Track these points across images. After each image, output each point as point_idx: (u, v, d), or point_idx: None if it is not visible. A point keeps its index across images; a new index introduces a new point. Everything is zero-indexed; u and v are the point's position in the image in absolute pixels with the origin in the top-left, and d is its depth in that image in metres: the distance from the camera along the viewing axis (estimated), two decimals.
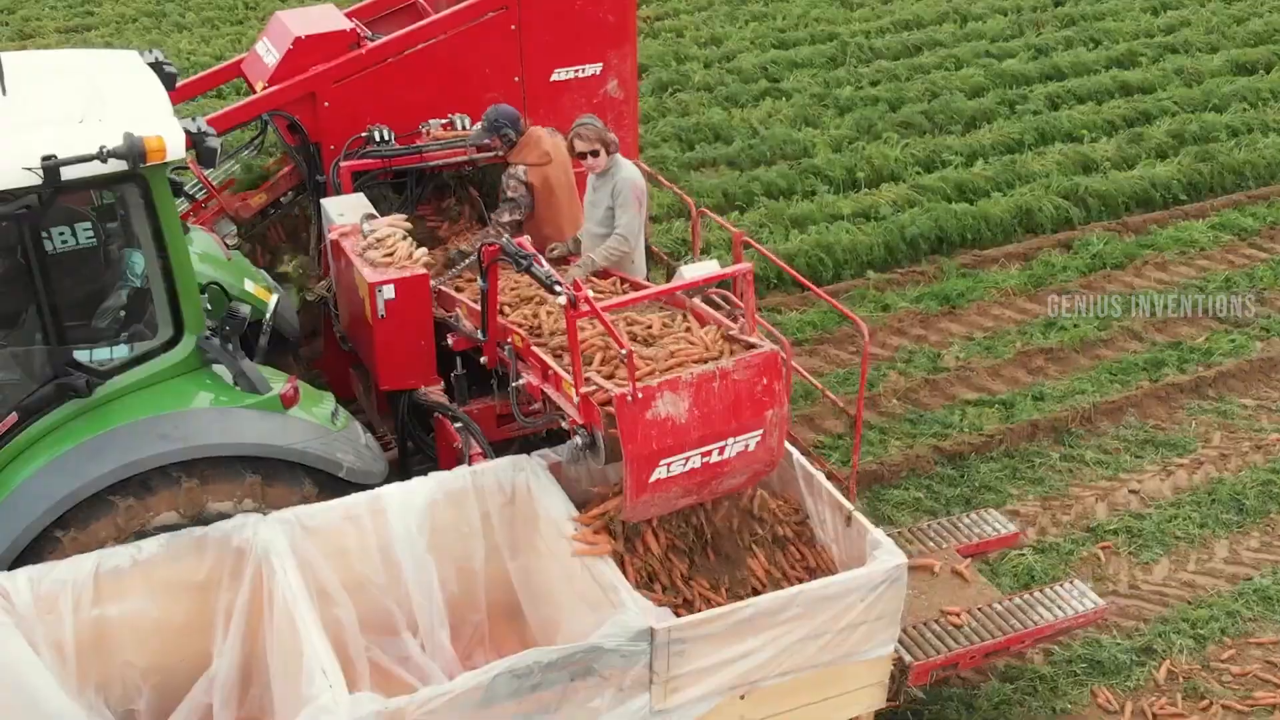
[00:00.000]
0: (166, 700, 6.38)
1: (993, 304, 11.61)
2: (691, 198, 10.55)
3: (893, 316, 11.34)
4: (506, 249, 6.76)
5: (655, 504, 6.30)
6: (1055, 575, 8.39)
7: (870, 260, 12.07)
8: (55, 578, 6.05)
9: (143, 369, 6.62)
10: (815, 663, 6.32)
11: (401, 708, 5.42)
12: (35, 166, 5.91)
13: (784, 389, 6.41)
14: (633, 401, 6.00)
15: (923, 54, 17.21)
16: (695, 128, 14.73)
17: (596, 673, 5.77)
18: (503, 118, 8.39)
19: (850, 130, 14.59)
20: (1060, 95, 15.60)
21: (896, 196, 13.00)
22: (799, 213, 12.70)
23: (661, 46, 17.41)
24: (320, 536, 6.40)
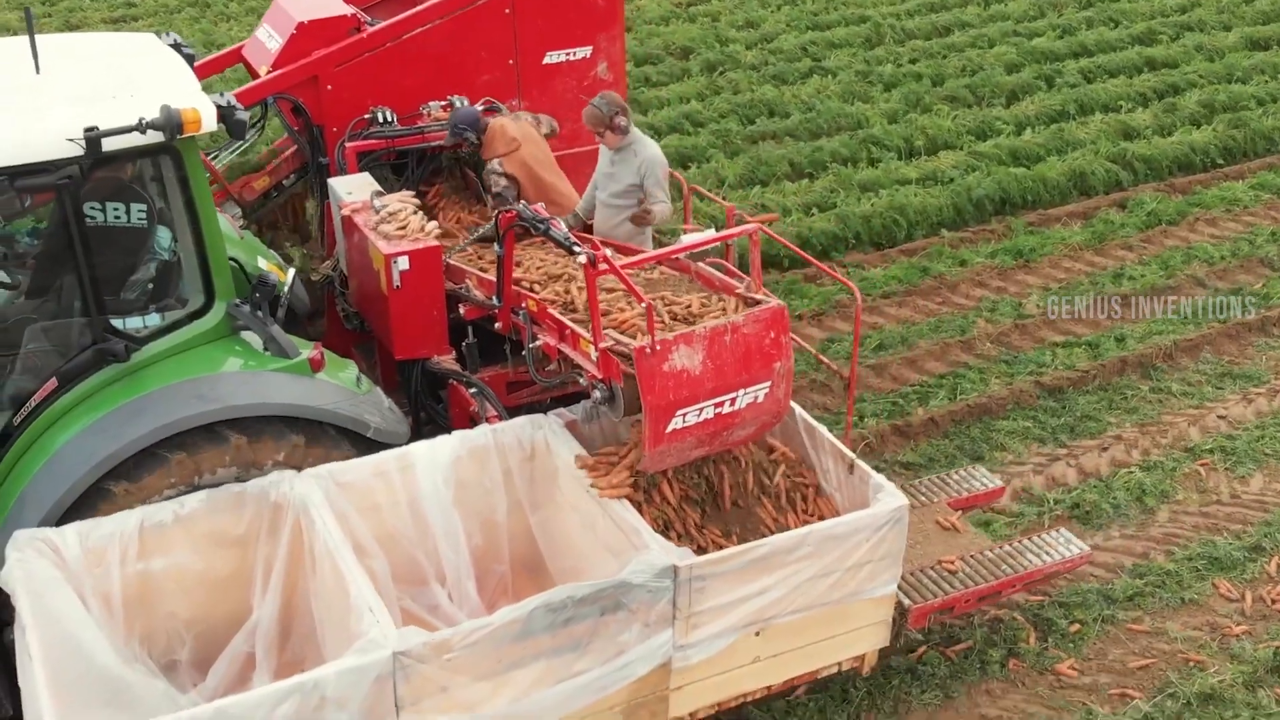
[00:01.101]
0: (207, 650, 6.66)
1: (1062, 258, 12.41)
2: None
3: (970, 270, 12.12)
4: (523, 214, 7.09)
5: (671, 454, 6.65)
6: (1163, 489, 9.35)
7: (940, 220, 12.85)
8: (102, 532, 6.33)
9: (175, 336, 6.90)
10: (824, 600, 6.69)
11: (447, 639, 5.75)
12: (78, 138, 6.18)
13: (790, 343, 6.77)
14: (651, 354, 6.34)
15: (953, 34, 18.08)
16: (750, 104, 15.40)
17: (625, 607, 6.12)
18: (461, 121, 8.65)
19: (899, 104, 15.40)
20: (1091, 70, 16.47)
21: (956, 162, 13.80)
22: (866, 178, 13.49)
23: (701, 30, 18.09)
24: (352, 491, 6.71)
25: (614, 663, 6.21)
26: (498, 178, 8.46)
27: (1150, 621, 8.18)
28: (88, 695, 5.72)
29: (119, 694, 5.87)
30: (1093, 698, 7.61)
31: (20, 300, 7.42)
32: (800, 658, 6.84)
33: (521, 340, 7.55)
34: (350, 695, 5.57)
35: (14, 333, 7.16)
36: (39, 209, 7.99)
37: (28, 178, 6.27)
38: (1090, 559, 8.12)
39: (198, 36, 17.38)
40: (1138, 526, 9.02)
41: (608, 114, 8.28)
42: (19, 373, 6.95)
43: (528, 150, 8.55)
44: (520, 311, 7.45)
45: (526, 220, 7.08)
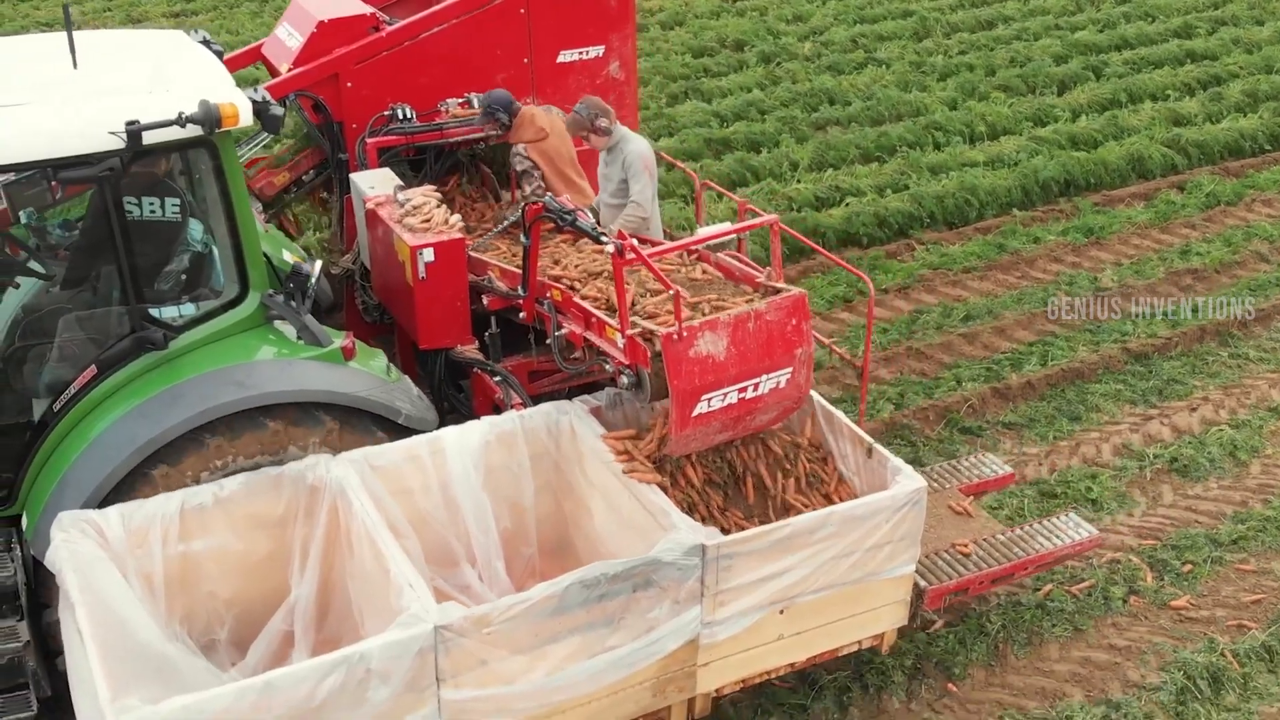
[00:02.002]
0: (244, 630, 6.83)
1: (1130, 235, 13.07)
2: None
3: (1044, 247, 12.77)
4: (549, 206, 7.28)
5: (696, 438, 6.84)
6: (1254, 445, 9.93)
7: (1009, 201, 13.48)
8: (144, 514, 6.49)
9: (210, 325, 7.07)
10: (846, 580, 6.88)
11: (487, 613, 5.92)
12: (119, 130, 6.34)
13: (810, 330, 6.97)
14: (678, 340, 6.53)
15: (997, 28, 18.84)
16: (810, 93, 16.10)
17: (656, 584, 6.30)
18: (495, 103, 8.86)
19: (954, 93, 16.13)
20: (1134, 62, 17.21)
21: (1018, 147, 14.42)
22: (933, 162, 14.17)
23: (751, 24, 18.82)
24: (386, 475, 6.88)
25: (645, 638, 6.38)
26: (520, 160, 8.65)
27: (1256, 562, 8.71)
28: (136, 671, 5.86)
29: (165, 670, 6.03)
30: (1211, 629, 8.14)
31: (54, 290, 7.58)
32: (822, 635, 7.03)
33: (545, 329, 7.73)
34: (394, 668, 5.73)
35: (48, 322, 7.33)
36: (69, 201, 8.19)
37: (69, 170, 6.43)
38: (1100, 543, 8.32)
39: (261, 31, 17.62)
40: (1234, 478, 9.57)
41: (587, 118, 8.51)
42: (56, 361, 7.12)
43: (553, 144, 8.74)
44: (545, 301, 7.62)
45: (553, 212, 7.27)
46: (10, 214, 7.84)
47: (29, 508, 6.88)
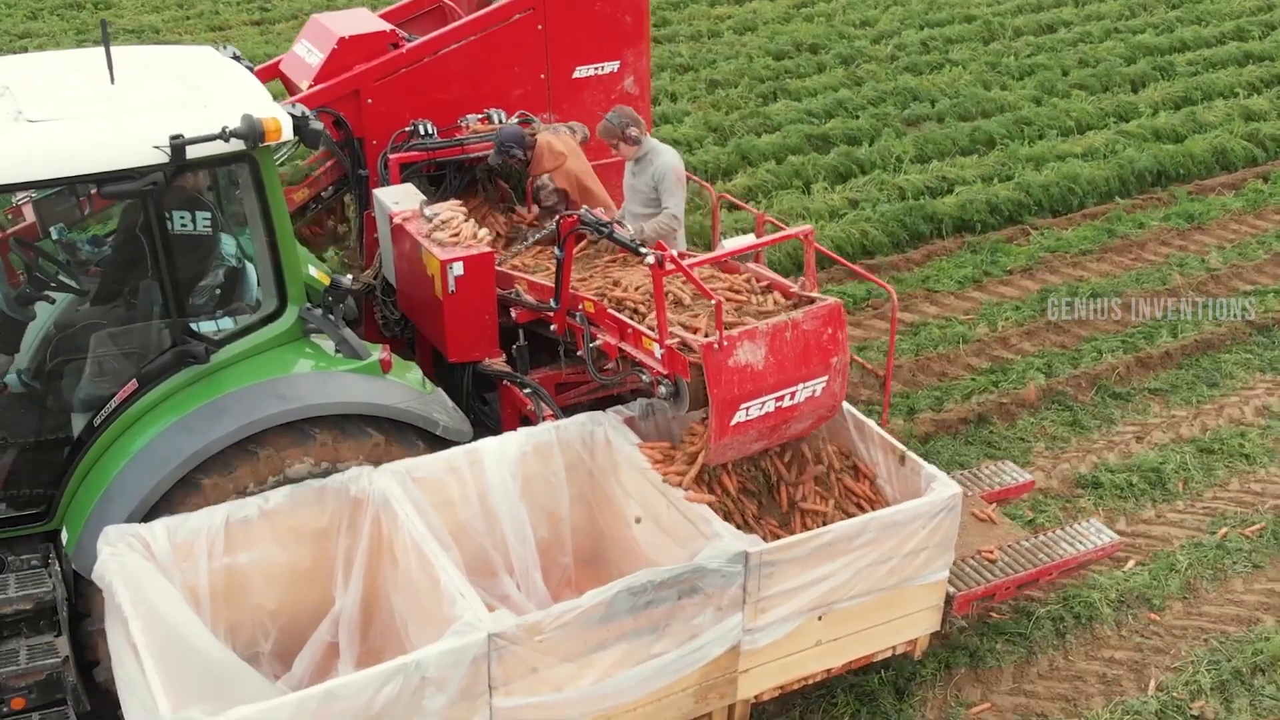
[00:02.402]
0: (288, 642, 6.87)
1: (1228, 221, 13.78)
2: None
3: (1150, 232, 13.50)
4: (585, 219, 7.36)
5: (734, 447, 6.92)
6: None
7: (1108, 190, 14.19)
8: (190, 527, 6.53)
9: (250, 339, 7.11)
10: (883, 586, 6.97)
11: (539, 621, 5.99)
12: (163, 145, 6.40)
13: (846, 338, 7.06)
14: (718, 349, 6.61)
15: (1059, 31, 19.60)
16: (894, 91, 16.81)
17: (701, 591, 6.38)
18: (508, 140, 8.93)
19: (1035, 91, 16.82)
20: (1196, 63, 17.99)
21: (1106, 141, 15.14)
22: (1029, 154, 14.82)
23: (820, 28, 19.57)
24: (427, 486, 6.94)
25: (689, 645, 6.46)
26: (549, 193, 8.75)
27: None
28: (192, 683, 5.90)
29: (220, 682, 6.07)
30: None
31: (87, 306, 7.61)
32: (858, 641, 7.12)
33: (577, 342, 7.80)
34: (449, 676, 5.79)
35: (82, 338, 7.36)
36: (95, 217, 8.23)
37: (114, 184, 6.47)
38: (1120, 547, 8.43)
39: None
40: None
41: (619, 126, 8.61)
42: (95, 376, 7.15)
43: (573, 163, 8.85)
44: (577, 314, 7.70)
45: (589, 224, 7.35)
46: (40, 229, 7.86)
47: (69, 522, 6.91)
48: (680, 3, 20.98)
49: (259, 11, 20.79)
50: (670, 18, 20.27)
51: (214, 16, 20.45)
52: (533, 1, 9.68)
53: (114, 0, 21.46)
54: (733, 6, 20.89)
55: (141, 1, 21.40)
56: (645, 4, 10.20)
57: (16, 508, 7.05)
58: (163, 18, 20.35)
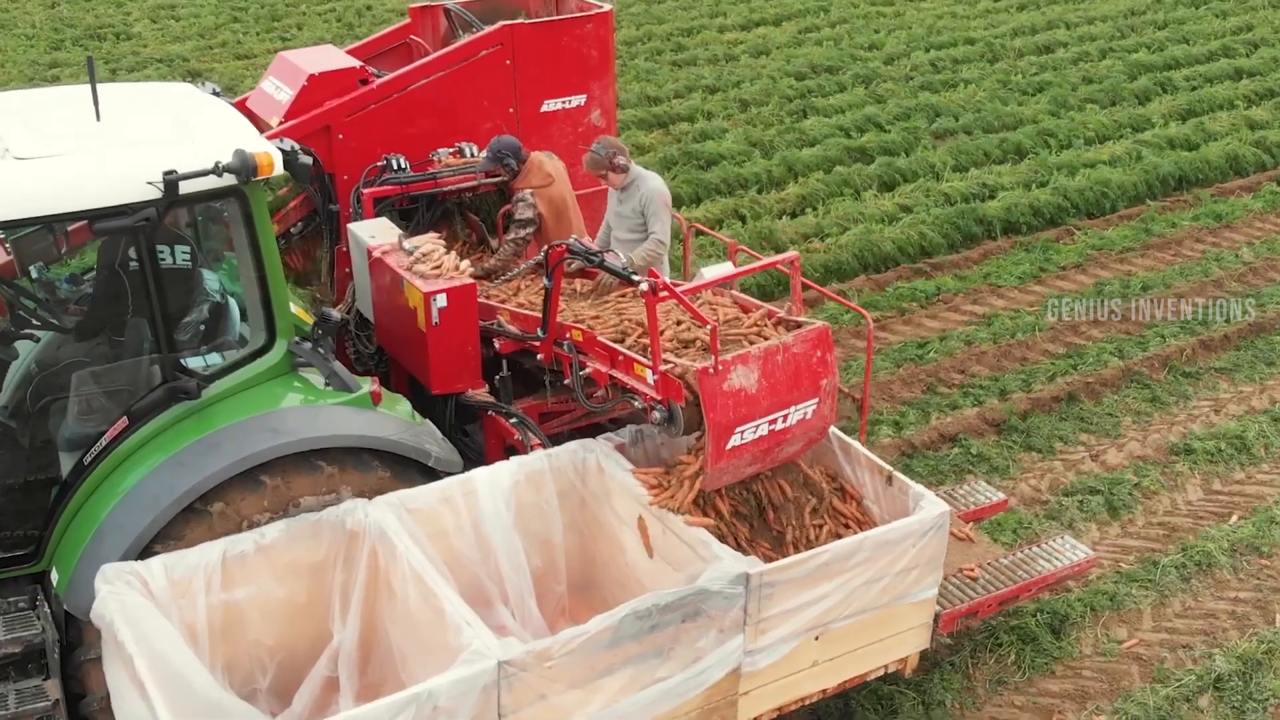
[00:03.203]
0: (286, 678, 6.82)
1: (1252, 220, 15.01)
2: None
3: (1183, 230, 14.67)
4: (574, 248, 7.41)
5: (729, 471, 6.99)
6: None
7: (1137, 194, 15.39)
8: (188, 563, 6.49)
9: (238, 374, 7.08)
10: (876, 604, 7.06)
11: (547, 647, 6.01)
12: (157, 180, 6.38)
13: (835, 361, 7.17)
14: (714, 374, 6.69)
15: (1056, 52, 20.93)
16: (918, 107, 17.92)
17: (704, 614, 6.42)
18: (505, 148, 9.05)
19: (1049, 105, 18.09)
20: (1193, 78, 19.41)
21: (1126, 150, 16.41)
22: (1059, 162, 16.02)
23: (831, 52, 20.89)
24: (421, 517, 6.94)
25: (692, 668, 6.50)
26: (526, 206, 8.79)
27: None
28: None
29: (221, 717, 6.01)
30: None
31: (67, 344, 7.54)
32: (853, 661, 7.19)
33: (563, 371, 7.85)
34: (459, 705, 5.79)
35: (64, 376, 7.29)
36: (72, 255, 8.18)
37: (106, 220, 6.44)
38: (1096, 564, 8.60)
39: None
40: None
41: (606, 156, 8.71)
42: (82, 414, 7.09)
43: (557, 189, 8.92)
44: (564, 343, 7.74)
45: (578, 254, 7.40)
46: (18, 268, 7.79)
47: (59, 563, 6.82)
48: (693, 29, 22.32)
49: (279, 40, 21.24)
50: (685, 44, 21.60)
51: (237, 45, 20.97)
52: (501, 36, 9.77)
53: (136, 31, 22.30)
54: (741, 32, 22.21)
55: (163, 31, 22.09)
56: (610, 39, 10.31)
57: (4, 549, 6.96)
58: (186, 47, 21.01)
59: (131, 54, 20.79)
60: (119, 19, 22.99)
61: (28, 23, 22.64)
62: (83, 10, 23.43)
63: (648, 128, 17.57)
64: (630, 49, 21.19)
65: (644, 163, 14.96)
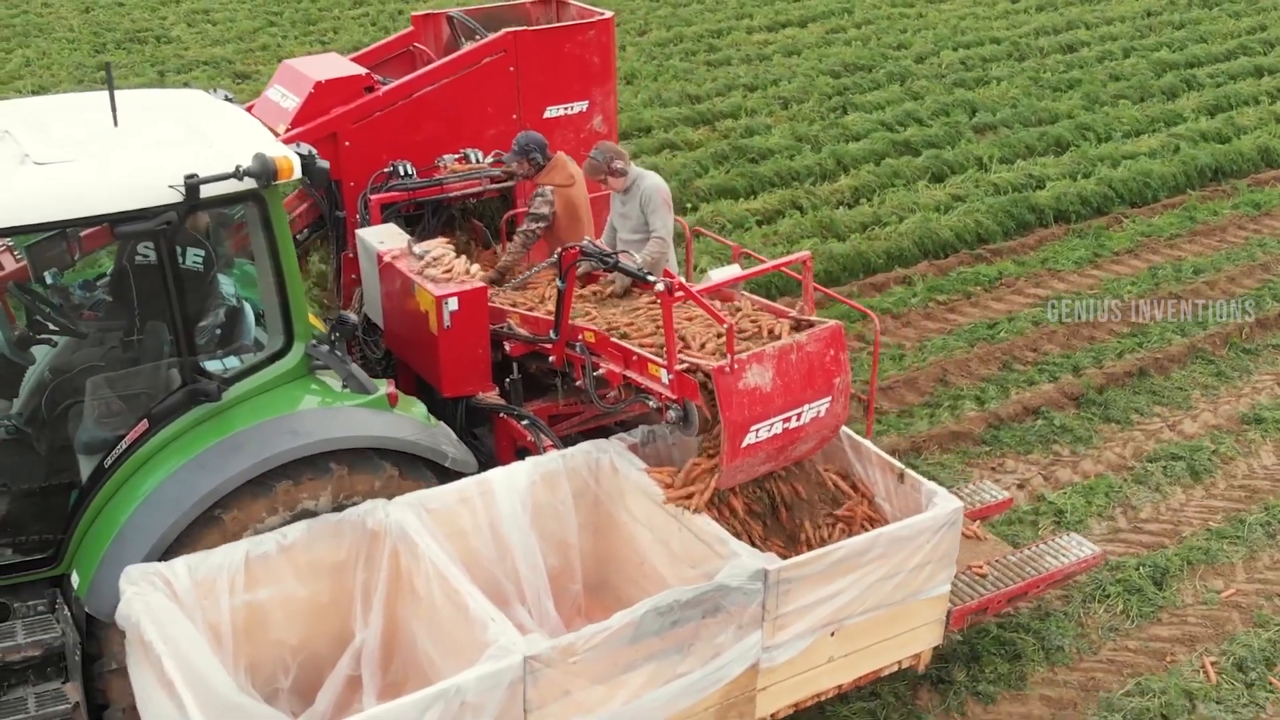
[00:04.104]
0: (307, 678, 6.86)
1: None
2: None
3: (1225, 218, 15.24)
4: (587, 250, 7.49)
5: (744, 469, 7.07)
6: None
7: (1176, 185, 15.96)
8: (211, 564, 6.53)
9: (257, 377, 7.13)
10: (890, 600, 7.14)
11: (572, 642, 6.07)
12: (179, 184, 6.44)
13: (847, 359, 7.26)
14: (729, 372, 6.77)
15: (1079, 51, 21.40)
16: (955, 103, 18.40)
17: (724, 609, 6.49)
18: (532, 143, 9.12)
19: (1082, 100, 18.66)
20: (1216, 75, 19.97)
21: (1161, 143, 16.98)
22: (1100, 154, 16.60)
23: (858, 52, 21.30)
24: (439, 517, 6.99)
25: (712, 664, 6.56)
26: (543, 202, 8.85)
27: None
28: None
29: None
30: None
31: (83, 349, 7.57)
32: (867, 657, 7.27)
33: (575, 373, 7.92)
34: (487, 700, 5.85)
35: (81, 381, 7.32)
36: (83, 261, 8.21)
37: (128, 224, 6.49)
38: (1102, 560, 8.70)
39: None
40: None
41: (605, 161, 8.79)
42: (102, 417, 7.12)
43: (578, 191, 9.02)
44: (577, 344, 7.81)
45: (592, 256, 7.48)
46: (32, 274, 7.82)
47: (80, 566, 6.85)
48: (721, 31, 22.74)
49: (318, 44, 21.50)
50: (717, 44, 22.01)
51: (278, 49, 21.16)
52: (505, 43, 9.85)
53: (174, 34, 22.53)
54: (768, 33, 22.62)
55: (201, 34, 22.44)
56: (612, 45, 10.40)
57: (23, 553, 6.98)
58: (228, 50, 21.41)
59: (175, 57, 21.22)
60: (155, 23, 23.31)
61: (65, 26, 22.92)
62: (118, 14, 23.73)
63: (694, 124, 17.89)
64: (664, 50, 21.68)
65: (694, 159, 16.23)
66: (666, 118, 17.90)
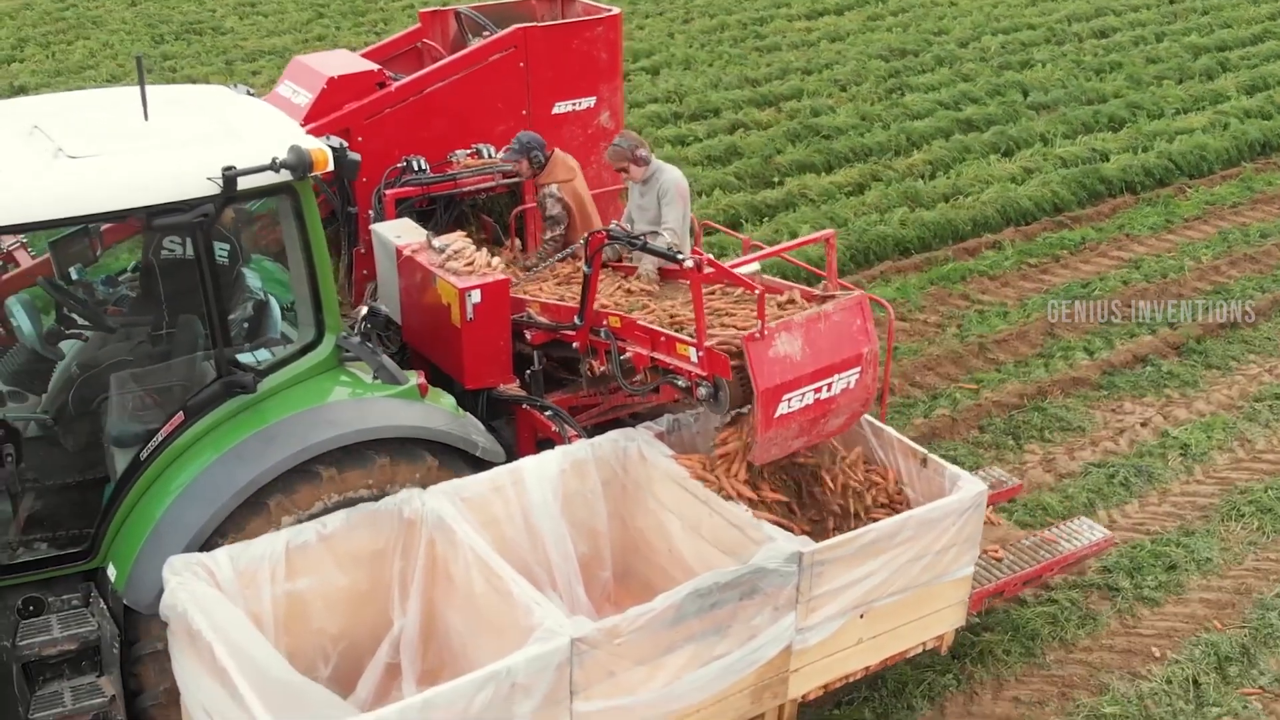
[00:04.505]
0: (347, 665, 6.92)
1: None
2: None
3: (1259, 196, 15.89)
4: (614, 234, 7.58)
5: (777, 443, 7.15)
6: None
7: (1229, 158, 16.79)
8: (253, 554, 6.57)
9: (289, 369, 7.18)
10: (917, 582, 7.26)
11: (616, 625, 6.15)
12: (216, 176, 6.49)
13: (875, 330, 7.36)
14: (760, 339, 6.86)
15: (1111, 36, 22.18)
16: (1005, 85, 19.19)
17: (761, 591, 6.60)
18: (532, 142, 9.22)
19: (1125, 82, 19.43)
20: (1248, 58, 20.76)
21: (1209, 120, 17.75)
22: (1155, 129, 17.47)
23: (900, 37, 22.06)
24: (473, 505, 7.06)
25: (748, 645, 6.67)
26: (554, 201, 8.94)
27: None
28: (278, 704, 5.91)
29: (301, 702, 6.10)
30: None
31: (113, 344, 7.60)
32: (894, 638, 7.39)
33: (599, 359, 8.00)
34: (536, 681, 5.93)
35: (111, 374, 7.35)
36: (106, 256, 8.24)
37: (165, 216, 6.53)
38: (1113, 543, 8.86)
39: None
40: None
41: (629, 148, 8.89)
42: (135, 411, 7.15)
43: (578, 184, 9.11)
44: (601, 330, 7.89)
45: (620, 239, 7.57)
46: (56, 270, 7.84)
47: (117, 558, 6.88)
48: (763, 19, 23.48)
49: (372, 35, 21.77)
50: (763, 31, 22.79)
51: (334, 39, 21.56)
52: (515, 39, 9.93)
53: (227, 26, 23.16)
54: (808, 21, 23.39)
55: (254, 26, 22.93)
56: (619, 41, 10.50)
57: (57, 547, 7.01)
58: (286, 41, 21.90)
59: (235, 47, 21.72)
60: (204, 15, 23.84)
61: (116, 19, 23.41)
62: (167, 7, 24.24)
63: (759, 106, 18.49)
64: (712, 37, 22.34)
65: (766, 138, 16.99)
66: (733, 99, 18.59)
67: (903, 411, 11.06)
